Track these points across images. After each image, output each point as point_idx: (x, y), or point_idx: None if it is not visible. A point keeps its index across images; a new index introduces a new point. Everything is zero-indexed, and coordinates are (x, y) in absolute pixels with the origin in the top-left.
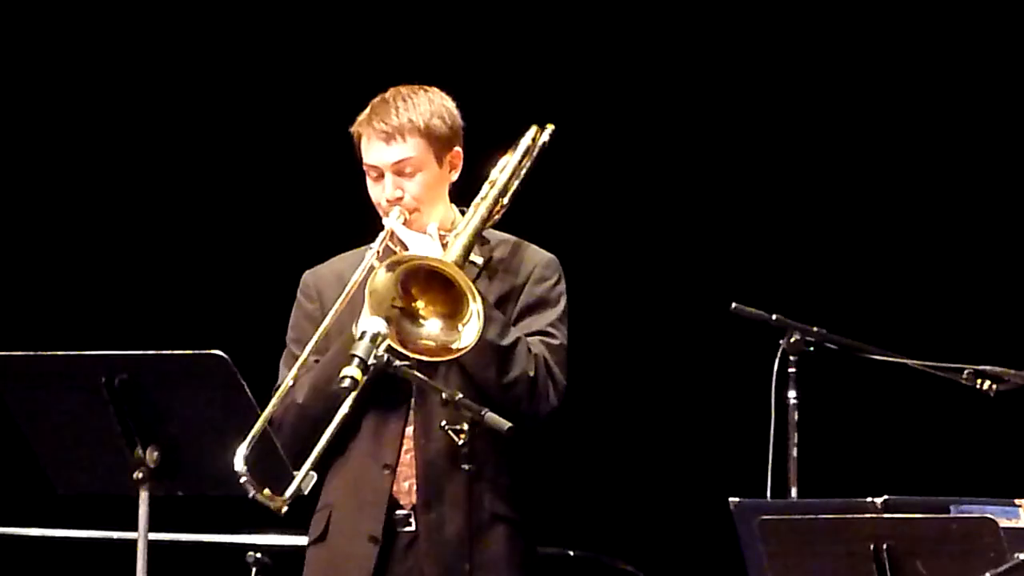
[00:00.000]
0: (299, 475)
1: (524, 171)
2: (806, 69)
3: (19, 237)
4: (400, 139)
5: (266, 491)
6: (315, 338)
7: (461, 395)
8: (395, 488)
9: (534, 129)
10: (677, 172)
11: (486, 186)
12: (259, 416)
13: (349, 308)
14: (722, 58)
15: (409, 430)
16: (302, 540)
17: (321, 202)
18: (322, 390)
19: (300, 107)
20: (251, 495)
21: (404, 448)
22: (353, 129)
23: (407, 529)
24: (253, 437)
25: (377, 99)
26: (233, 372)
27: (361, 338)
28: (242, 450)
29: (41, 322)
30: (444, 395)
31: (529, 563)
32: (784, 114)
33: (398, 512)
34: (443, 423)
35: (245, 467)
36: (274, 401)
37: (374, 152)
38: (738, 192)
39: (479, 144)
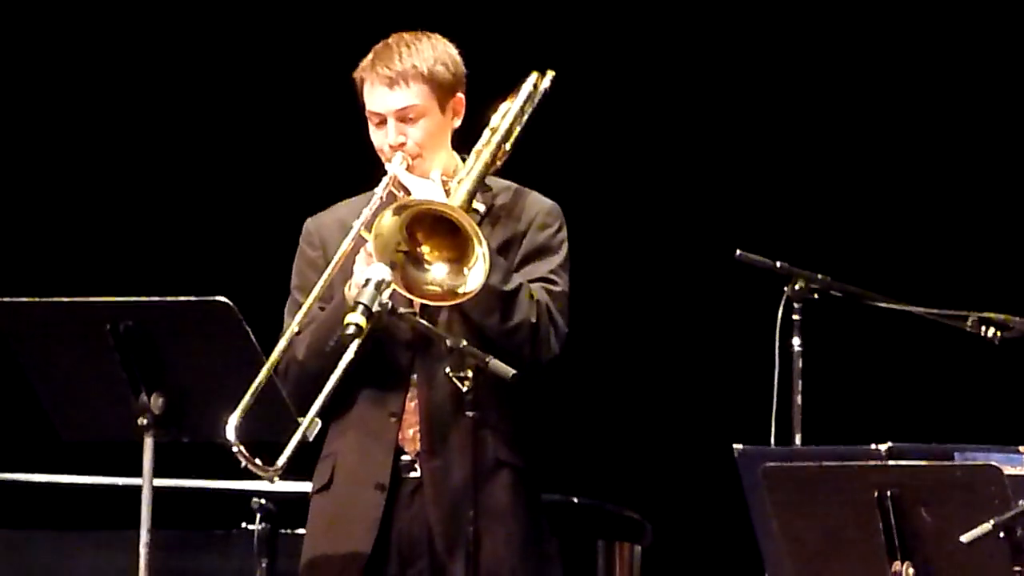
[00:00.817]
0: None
1: (525, 117)
2: (808, 18)
3: (24, 184)
4: (404, 85)
5: (257, 461)
6: (319, 285)
7: (465, 342)
8: (400, 435)
9: (535, 75)
10: (680, 118)
11: (487, 132)
12: (264, 363)
13: (352, 255)
14: (724, 2)
15: (414, 377)
16: (307, 487)
17: (323, 148)
18: (322, 347)
19: (301, 53)
20: (242, 465)
21: (409, 396)
22: (356, 75)
23: (412, 475)
24: (244, 407)
25: (380, 45)
26: (238, 319)
27: (365, 285)
28: (233, 420)
29: (46, 268)
30: (448, 342)
31: (533, 509)
32: (789, 60)
33: (403, 459)
34: (447, 370)
35: (236, 437)
36: (277, 349)
37: (377, 98)
38: (743, 139)
39: (481, 91)
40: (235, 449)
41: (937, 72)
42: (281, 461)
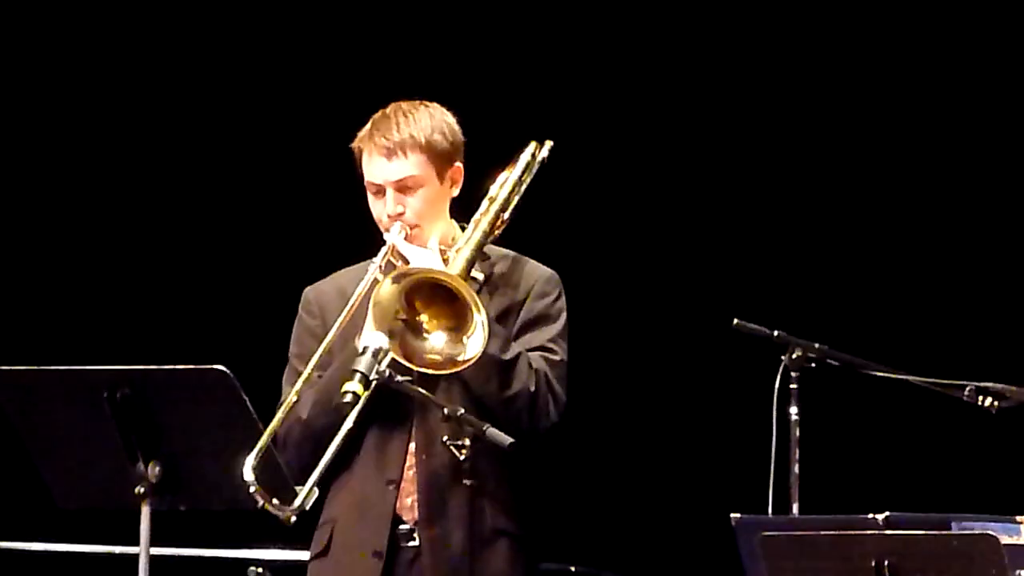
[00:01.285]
0: (304, 488)
1: (524, 186)
2: (806, 83)
3: (21, 250)
4: (401, 155)
5: (275, 500)
6: (318, 353)
7: (463, 410)
8: (398, 504)
9: (533, 144)
10: (678, 188)
11: (486, 202)
12: (261, 431)
13: (351, 323)
14: (721, 73)
15: (412, 446)
16: (303, 555)
17: (322, 217)
18: (326, 405)
19: (301, 122)
20: (259, 505)
21: (407, 464)
22: (354, 145)
23: (410, 544)
24: (260, 448)
25: (378, 114)
26: (235, 387)
27: (363, 353)
28: (250, 460)
29: (43, 336)
30: (446, 410)
31: None
32: (785, 130)
33: (401, 527)
34: (445, 438)
35: (253, 476)
36: (278, 416)
37: (375, 168)
38: (740, 208)
39: (480, 159)
40: (252, 488)
41: (928, 143)
42: (297, 503)
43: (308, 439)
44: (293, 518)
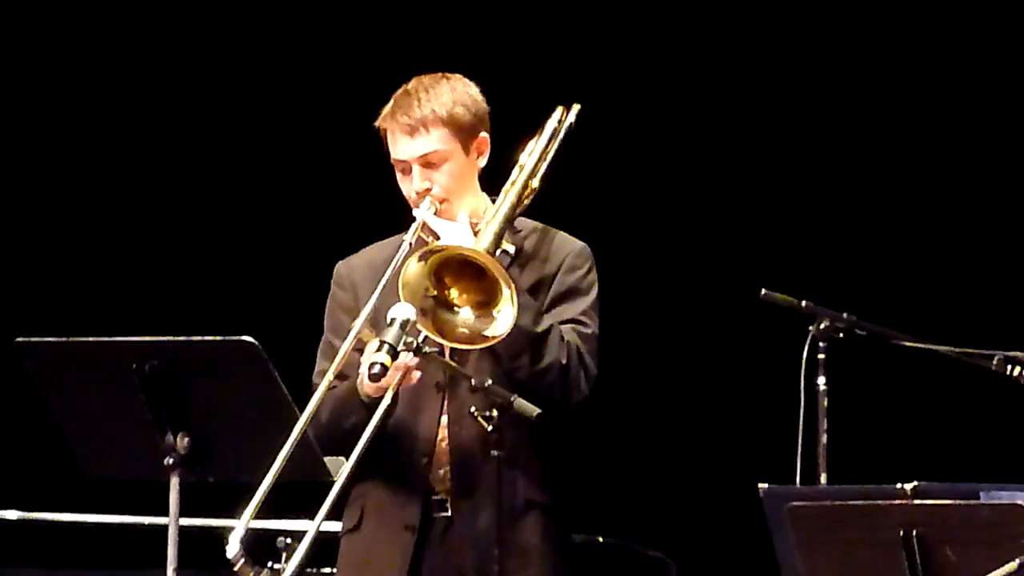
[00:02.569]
0: (307, 536)
1: (551, 153)
2: (834, 53)
3: (51, 223)
4: (424, 131)
5: (264, 573)
6: (350, 338)
7: (490, 381)
8: (430, 476)
9: (560, 110)
10: (707, 157)
11: (515, 170)
12: (289, 403)
13: (383, 303)
14: (753, 41)
15: (444, 418)
16: (335, 526)
17: (355, 191)
18: (339, 426)
19: (334, 96)
20: None
21: (439, 436)
22: (378, 124)
23: (442, 515)
24: (245, 523)
25: (399, 91)
26: (264, 359)
27: (390, 324)
28: (237, 534)
29: (73, 309)
30: (473, 382)
31: (563, 549)
32: (816, 97)
33: (433, 499)
34: (473, 410)
35: (240, 550)
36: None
37: (400, 146)
38: (768, 178)
39: (513, 126)
40: (239, 564)
41: (959, 111)
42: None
43: (323, 440)
44: None
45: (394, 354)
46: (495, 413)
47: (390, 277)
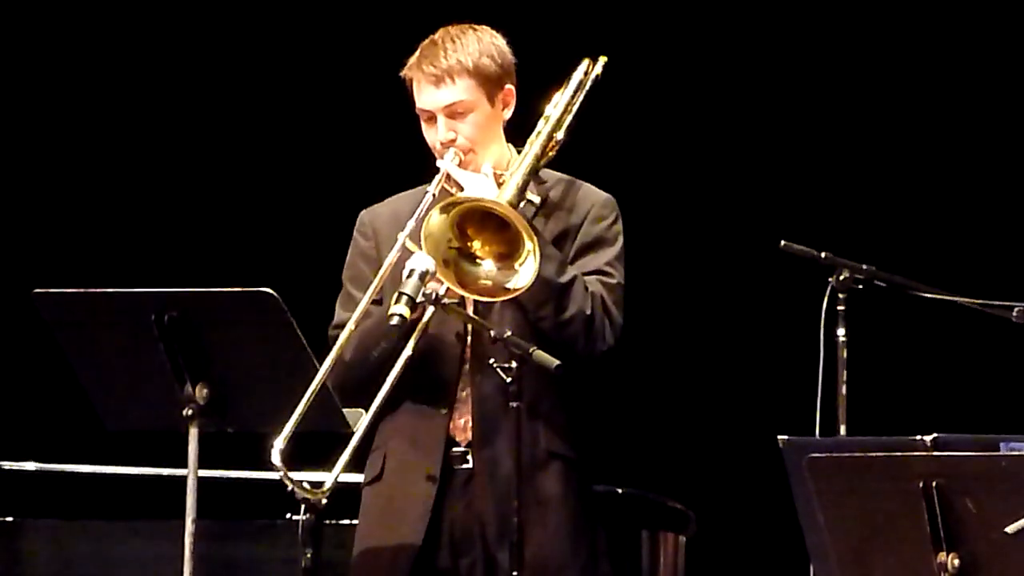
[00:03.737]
0: (333, 474)
1: (576, 105)
2: (852, 6)
3: (71, 175)
4: (450, 81)
5: (304, 484)
6: (371, 288)
7: (509, 332)
8: (452, 426)
9: (586, 62)
10: (728, 108)
11: (541, 122)
12: (308, 354)
13: (406, 250)
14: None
15: (466, 368)
16: (355, 478)
17: (380, 141)
18: (367, 357)
19: (361, 45)
20: (289, 489)
21: (461, 387)
22: (404, 73)
23: (464, 466)
24: (291, 430)
25: (426, 41)
26: (282, 310)
27: (409, 276)
28: (278, 443)
29: (91, 260)
30: (493, 333)
31: (584, 501)
32: (837, 44)
33: (455, 449)
34: (492, 361)
35: (280, 461)
36: (331, 355)
37: (425, 96)
38: (789, 129)
39: (539, 78)
40: (280, 475)
41: (984, 61)
42: (328, 484)
43: (348, 382)
44: (324, 500)
45: (412, 305)
46: (514, 364)
47: (412, 228)
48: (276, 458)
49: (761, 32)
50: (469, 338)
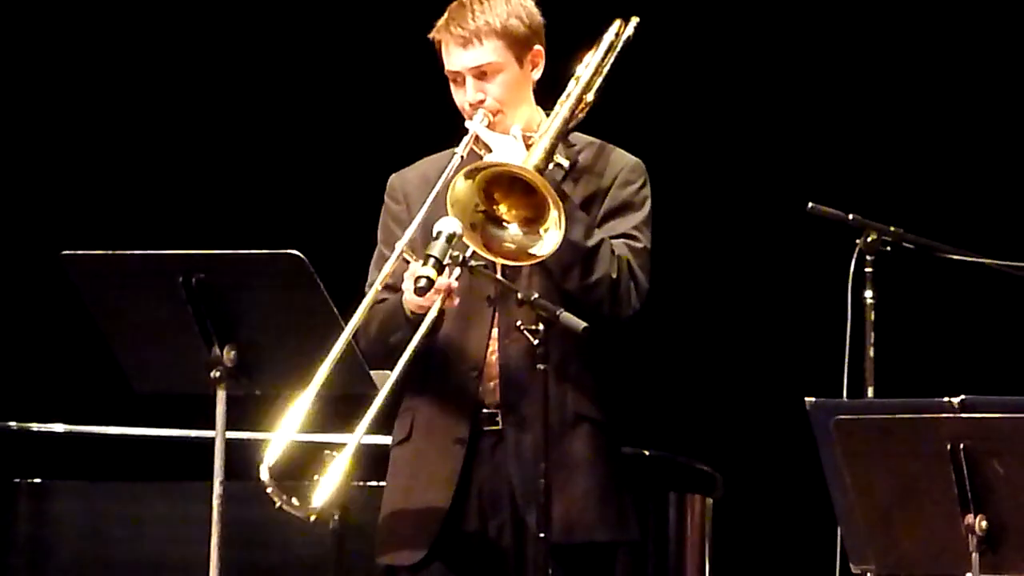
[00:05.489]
0: (323, 496)
1: (607, 67)
2: None
3: (98, 136)
4: (477, 43)
5: (294, 500)
6: (399, 247)
7: (536, 295)
8: (480, 389)
9: (618, 23)
10: (756, 70)
11: (571, 83)
12: (336, 316)
13: (434, 213)
14: None
15: (494, 331)
16: (379, 439)
17: (408, 104)
18: (386, 339)
19: (389, 7)
20: (276, 506)
21: (490, 350)
22: (432, 35)
23: (492, 429)
24: (275, 447)
25: (454, 3)
26: (310, 272)
27: (437, 238)
28: (267, 460)
29: (120, 221)
30: (519, 295)
31: (613, 463)
32: (863, 8)
33: (483, 412)
34: (519, 323)
35: (269, 477)
36: (356, 316)
37: (453, 57)
38: (815, 90)
39: (567, 40)
40: (268, 489)
41: (1010, 22)
42: (317, 504)
43: (371, 353)
44: (312, 517)
45: (439, 267)
46: (541, 327)
47: (440, 190)
48: (264, 475)
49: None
50: (496, 301)
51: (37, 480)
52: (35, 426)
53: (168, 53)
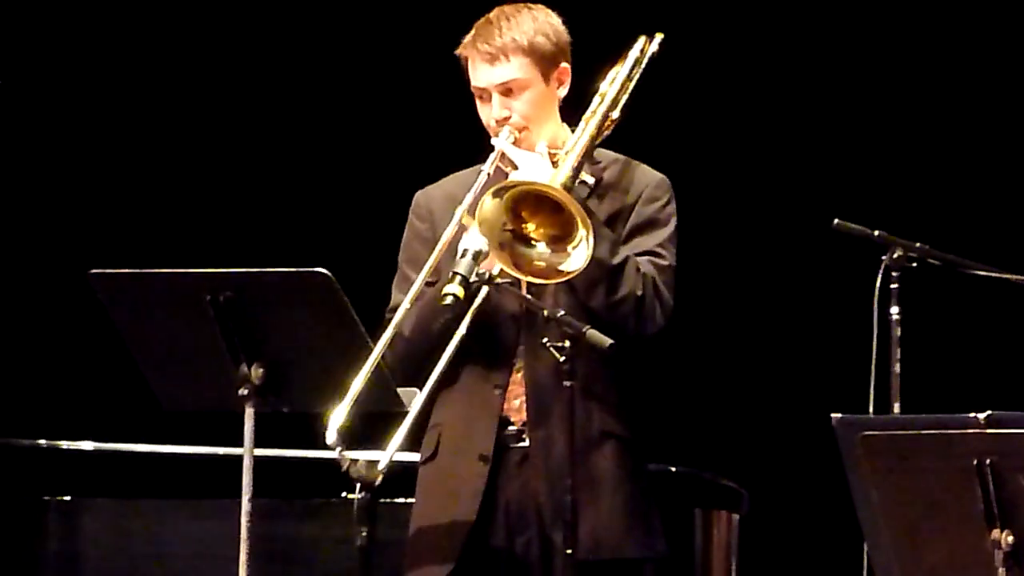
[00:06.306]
0: (387, 453)
1: (632, 83)
2: None
3: (125, 155)
4: (504, 59)
5: (360, 461)
6: (427, 266)
7: (562, 312)
8: (506, 406)
9: (643, 39)
10: (782, 86)
11: (596, 100)
12: (363, 335)
13: (461, 231)
14: None
15: (520, 349)
16: (412, 457)
17: (434, 121)
18: (428, 326)
19: (415, 24)
20: (343, 469)
21: (516, 367)
22: (459, 52)
23: (520, 445)
24: (348, 409)
25: (481, 20)
26: (336, 290)
27: (463, 256)
28: (334, 422)
29: (147, 240)
30: (546, 312)
31: (638, 480)
32: (888, 26)
33: (509, 429)
34: (545, 340)
35: (337, 439)
36: (386, 333)
37: (480, 74)
38: (841, 108)
39: (593, 57)
40: (337, 452)
41: None
42: (382, 465)
43: (410, 356)
44: (379, 479)
45: (466, 285)
46: (567, 344)
47: (470, 201)
48: (332, 436)
49: (814, 9)
50: (522, 318)
51: (67, 498)
52: (64, 444)
53: (197, 73)
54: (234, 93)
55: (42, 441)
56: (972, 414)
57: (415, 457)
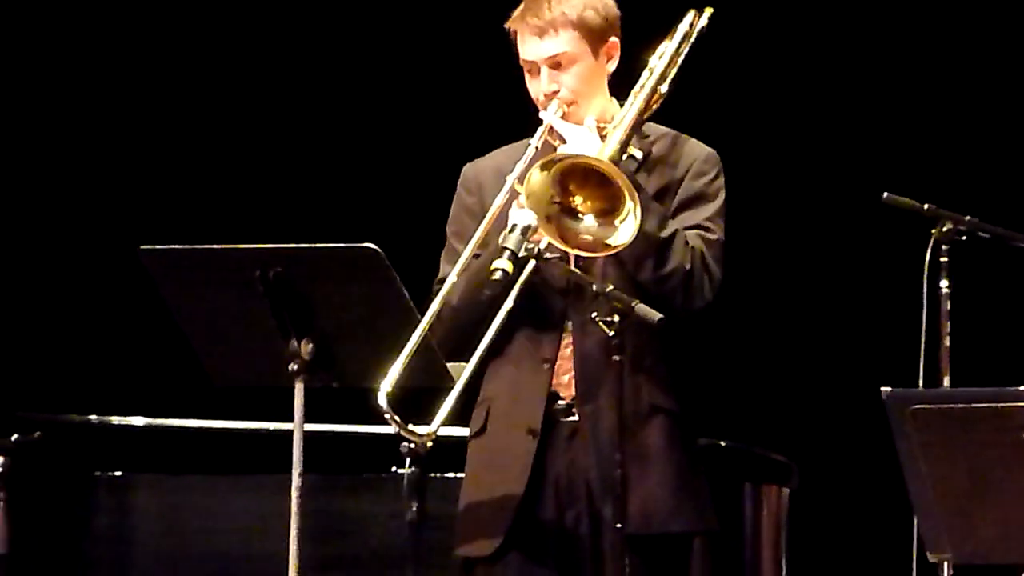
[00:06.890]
0: (448, 400)
1: (681, 58)
2: None
3: (177, 132)
4: (553, 33)
5: (410, 426)
6: (475, 238)
7: (612, 287)
8: (554, 381)
9: (692, 14)
10: (832, 60)
11: (645, 74)
12: (412, 310)
13: (508, 207)
14: None
15: (568, 323)
16: (453, 431)
17: (483, 94)
18: (477, 295)
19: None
20: (395, 432)
21: (564, 342)
22: (508, 25)
23: (569, 420)
24: (398, 373)
25: None
26: (386, 266)
27: (511, 230)
28: (385, 387)
29: (197, 216)
30: (594, 287)
31: (688, 453)
32: (932, 5)
33: (559, 404)
34: (594, 315)
35: (387, 404)
36: (433, 305)
37: (529, 47)
38: (890, 81)
39: (641, 32)
40: (387, 416)
41: None
42: (434, 426)
43: (457, 327)
44: (429, 443)
45: (515, 259)
46: (616, 318)
47: (521, 170)
48: (383, 400)
49: None
50: (571, 293)
51: (117, 473)
52: (115, 419)
53: (248, 50)
54: (284, 70)
55: (93, 417)
56: (1023, 387)
57: (464, 432)
